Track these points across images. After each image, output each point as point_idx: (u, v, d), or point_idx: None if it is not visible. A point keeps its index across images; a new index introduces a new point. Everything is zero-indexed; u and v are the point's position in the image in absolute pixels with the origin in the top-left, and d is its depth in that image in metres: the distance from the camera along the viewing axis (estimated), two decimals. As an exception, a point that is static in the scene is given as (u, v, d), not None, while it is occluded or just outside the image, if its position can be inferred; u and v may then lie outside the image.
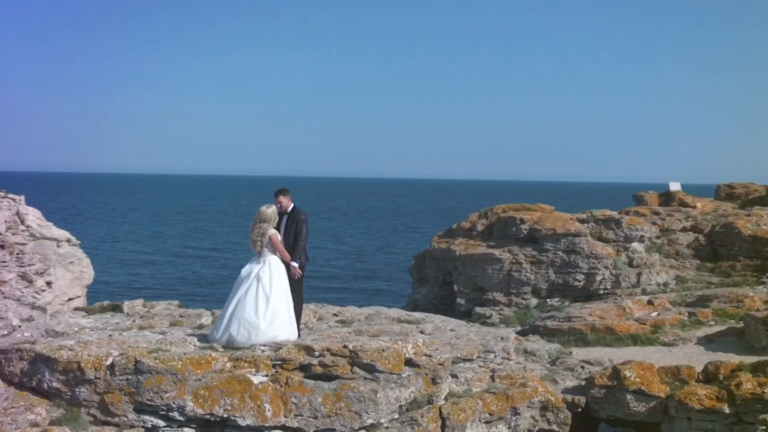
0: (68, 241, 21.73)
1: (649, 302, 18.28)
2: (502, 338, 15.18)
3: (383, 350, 11.42)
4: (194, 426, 10.81)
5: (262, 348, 11.55)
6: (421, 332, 15.49)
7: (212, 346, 11.86)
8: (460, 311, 20.46)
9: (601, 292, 19.69)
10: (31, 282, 19.01)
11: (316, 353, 11.28)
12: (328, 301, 21.36)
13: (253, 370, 11.05)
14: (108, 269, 56.24)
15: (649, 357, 15.37)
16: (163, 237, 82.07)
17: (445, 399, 12.01)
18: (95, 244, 70.95)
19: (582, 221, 20.79)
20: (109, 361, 10.85)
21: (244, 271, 12.40)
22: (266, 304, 11.84)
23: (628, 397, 12.81)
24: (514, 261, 20.06)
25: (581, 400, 13.09)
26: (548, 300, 19.87)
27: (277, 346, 11.51)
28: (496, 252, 20.26)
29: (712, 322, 17.53)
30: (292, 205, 12.73)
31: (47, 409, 10.78)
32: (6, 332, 15.08)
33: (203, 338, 12.38)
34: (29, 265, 19.32)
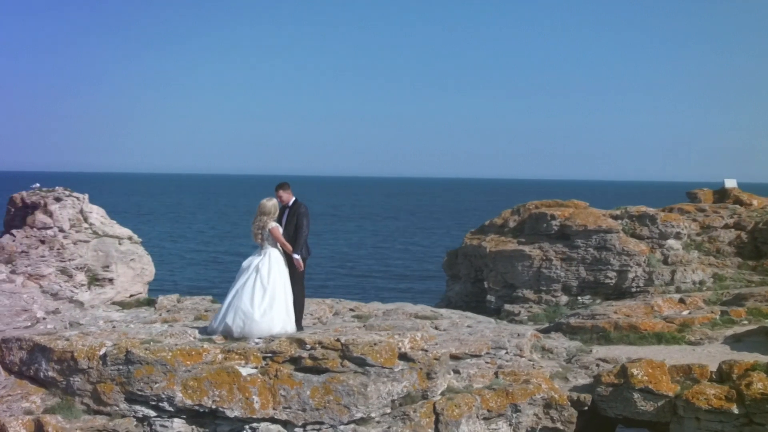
0: (130, 238, 22.26)
1: (681, 300, 17.73)
2: (518, 335, 14.90)
3: (375, 344, 11.36)
4: (184, 417, 10.96)
5: (257, 341, 11.62)
6: (436, 328, 15.37)
7: (210, 338, 11.99)
8: (490, 308, 20.20)
9: (634, 289, 19.16)
10: (70, 276, 19.52)
11: (308, 346, 11.29)
12: (390, 302, 21.17)
13: (243, 362, 11.11)
14: (177, 268, 57.50)
15: (671, 356, 14.92)
16: (231, 236, 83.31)
17: (443, 394, 11.87)
18: (164, 243, 72.65)
19: (615, 217, 20.27)
20: (102, 351, 11.07)
21: (245, 263, 12.56)
22: (262, 295, 11.94)
23: (635, 395, 12.44)
24: (544, 258, 19.70)
25: (587, 398, 12.77)
26: (579, 297, 19.44)
27: (269, 339, 11.56)
28: (526, 248, 19.92)
29: (746, 322, 16.89)
30: (293, 198, 12.81)
31: (42, 398, 11.07)
32: (29, 324, 15.50)
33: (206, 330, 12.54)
34: (69, 260, 19.84)
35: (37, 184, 21.66)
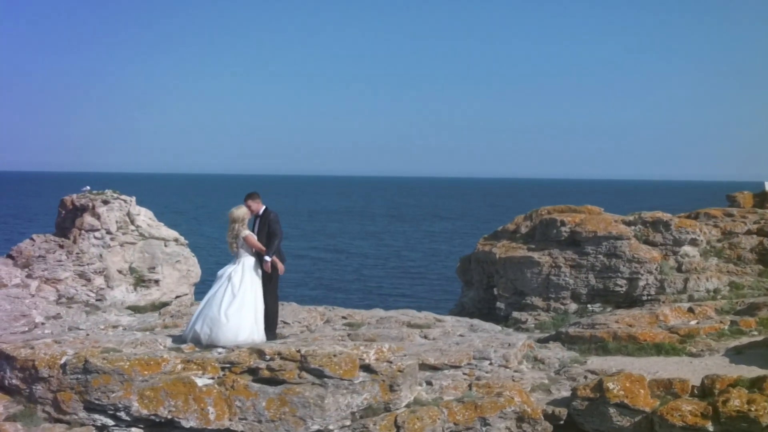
0: (176, 240, 22.64)
1: (690, 310, 17.12)
2: (508, 345, 14.60)
3: (334, 355, 11.25)
4: (142, 426, 11.04)
5: (219, 350, 11.63)
6: (425, 337, 15.21)
7: (179, 347, 12.06)
8: (500, 315, 19.86)
9: (645, 298, 18.56)
10: (89, 280, 19.88)
11: (267, 356, 11.25)
12: (431, 307, 21.15)
13: (201, 372, 11.13)
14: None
15: (666, 368, 14.47)
16: (289, 239, 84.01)
17: (408, 407, 11.68)
18: (222, 244, 73.53)
19: (628, 224, 19.67)
20: (63, 360, 11.21)
21: (219, 272, 12.69)
22: (230, 302, 12.01)
23: (611, 410, 12.03)
24: (554, 264, 19.26)
25: (562, 412, 12.40)
26: (589, 306, 18.94)
27: (231, 349, 11.56)
28: (535, 255, 19.52)
29: (755, 332, 16.21)
30: (263, 207, 12.87)
31: (5, 405, 11.27)
32: (27, 329, 15.82)
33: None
34: (88, 264, 20.21)
35: (87, 187, 22.13)
